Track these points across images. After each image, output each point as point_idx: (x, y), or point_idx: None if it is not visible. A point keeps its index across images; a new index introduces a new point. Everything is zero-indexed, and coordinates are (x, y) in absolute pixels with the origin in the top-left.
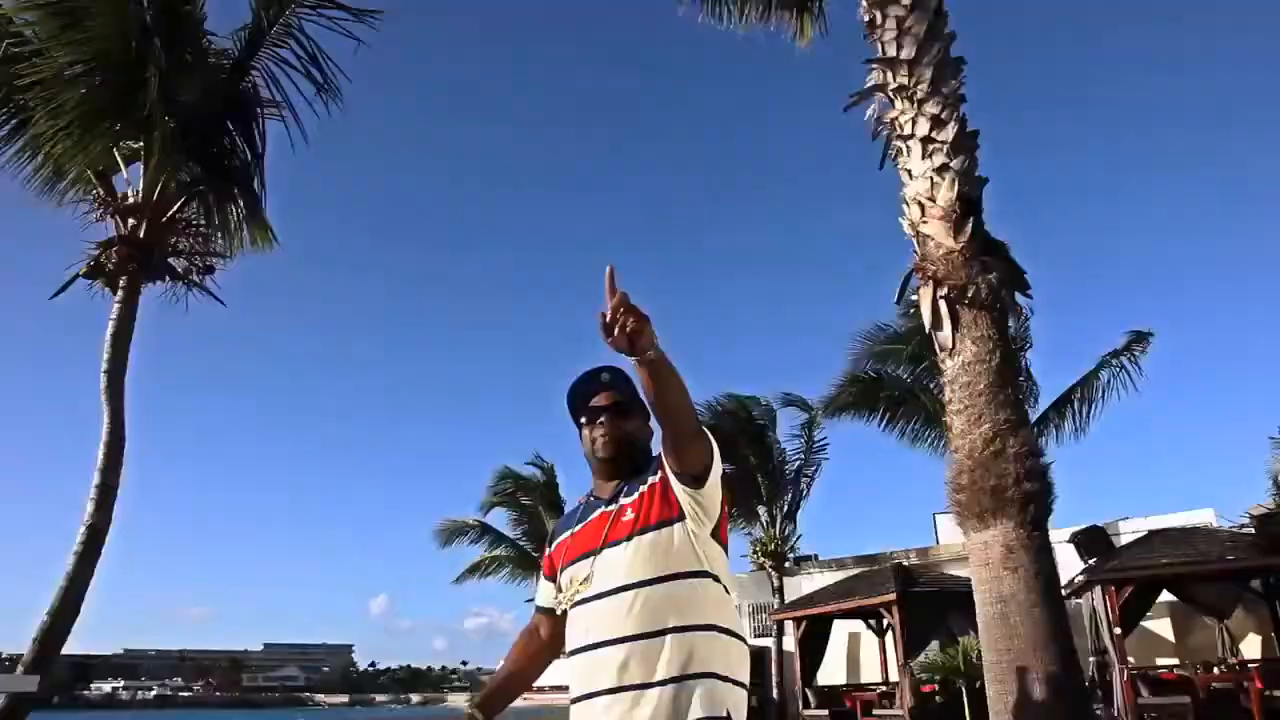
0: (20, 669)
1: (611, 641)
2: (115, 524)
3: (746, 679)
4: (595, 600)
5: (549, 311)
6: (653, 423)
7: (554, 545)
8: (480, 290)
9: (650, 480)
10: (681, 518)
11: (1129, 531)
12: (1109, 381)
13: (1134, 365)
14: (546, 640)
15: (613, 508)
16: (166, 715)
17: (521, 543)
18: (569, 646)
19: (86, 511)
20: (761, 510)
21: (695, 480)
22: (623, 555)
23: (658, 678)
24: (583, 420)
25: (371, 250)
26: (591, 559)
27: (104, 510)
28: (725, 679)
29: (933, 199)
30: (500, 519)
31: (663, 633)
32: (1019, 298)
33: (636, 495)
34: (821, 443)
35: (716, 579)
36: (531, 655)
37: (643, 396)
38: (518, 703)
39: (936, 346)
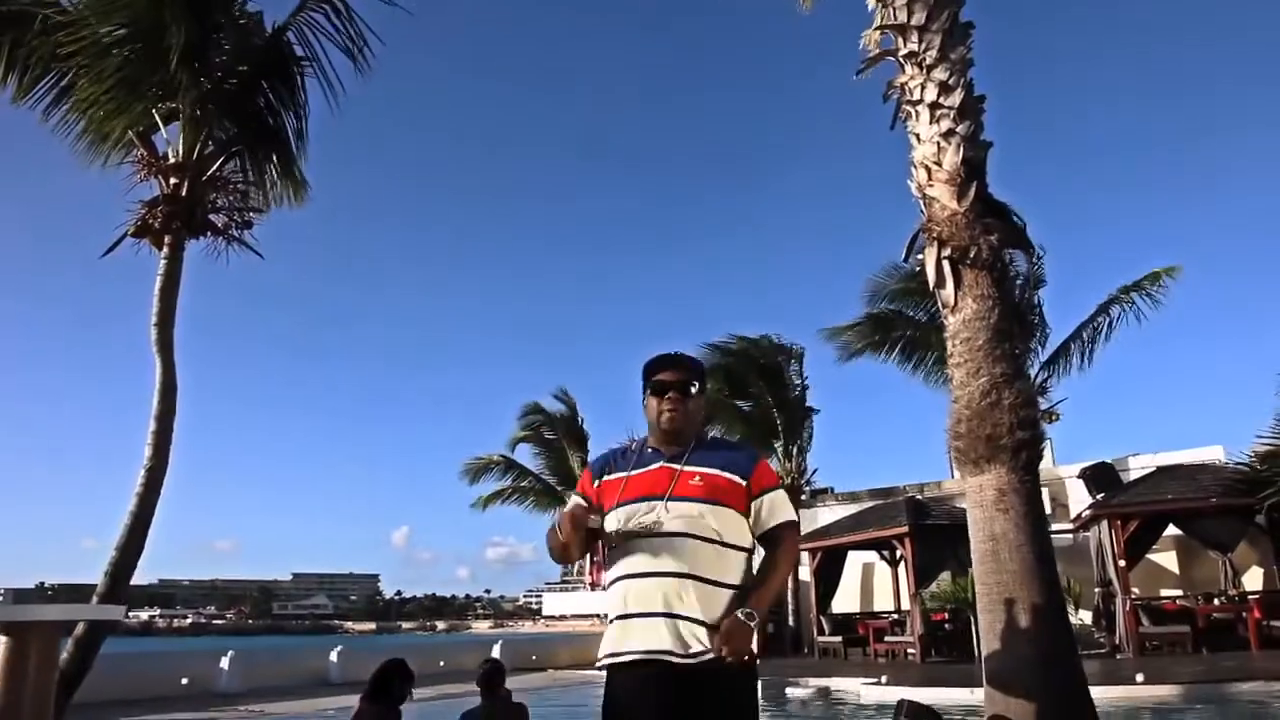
0: (95, 599)
1: (673, 574)
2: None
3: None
4: (664, 538)
5: (574, 258)
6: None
7: (606, 477)
8: (513, 239)
9: (735, 476)
10: (743, 514)
11: (1138, 468)
12: (1119, 316)
13: (1149, 300)
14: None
15: (677, 467)
16: (203, 641)
17: (545, 475)
18: (625, 570)
19: (145, 455)
20: (778, 445)
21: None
22: (692, 510)
23: (698, 615)
24: (653, 391)
25: (407, 201)
26: (661, 503)
27: (160, 453)
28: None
29: (939, 163)
30: (523, 454)
31: (712, 582)
32: (1030, 243)
33: (714, 472)
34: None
35: (750, 553)
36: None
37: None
38: (534, 630)
39: (940, 304)
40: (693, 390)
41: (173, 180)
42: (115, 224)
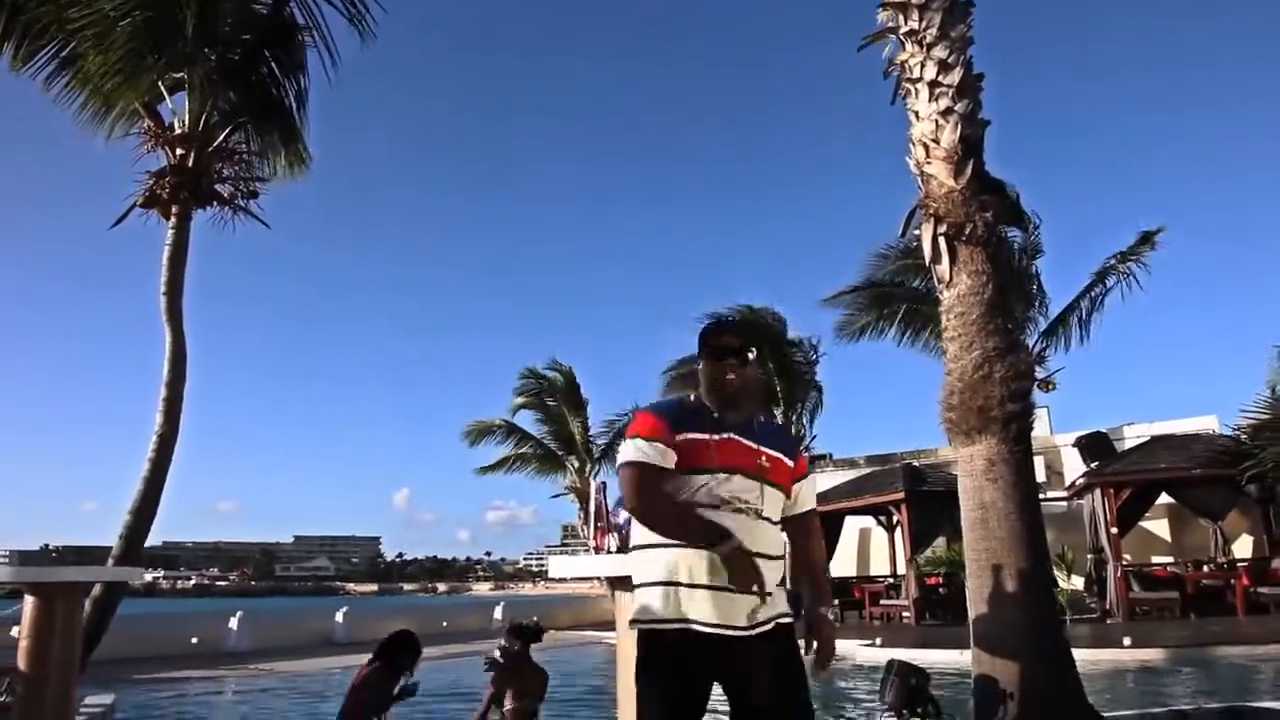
0: (110, 561)
1: (765, 555)
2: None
3: None
4: (759, 520)
5: (576, 219)
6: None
7: (687, 434)
8: (513, 204)
9: (789, 460)
10: (786, 492)
11: (1133, 437)
12: (1116, 285)
13: (1141, 266)
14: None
15: (754, 445)
16: (207, 602)
17: (547, 440)
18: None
19: (156, 422)
20: (778, 412)
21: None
22: (779, 496)
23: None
24: (713, 355)
25: (406, 169)
26: (759, 485)
27: (171, 420)
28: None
29: (937, 140)
30: (525, 419)
31: (772, 558)
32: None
33: (778, 455)
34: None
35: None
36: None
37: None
38: (535, 592)
39: (935, 279)
40: (750, 356)
41: (179, 151)
42: (115, 192)
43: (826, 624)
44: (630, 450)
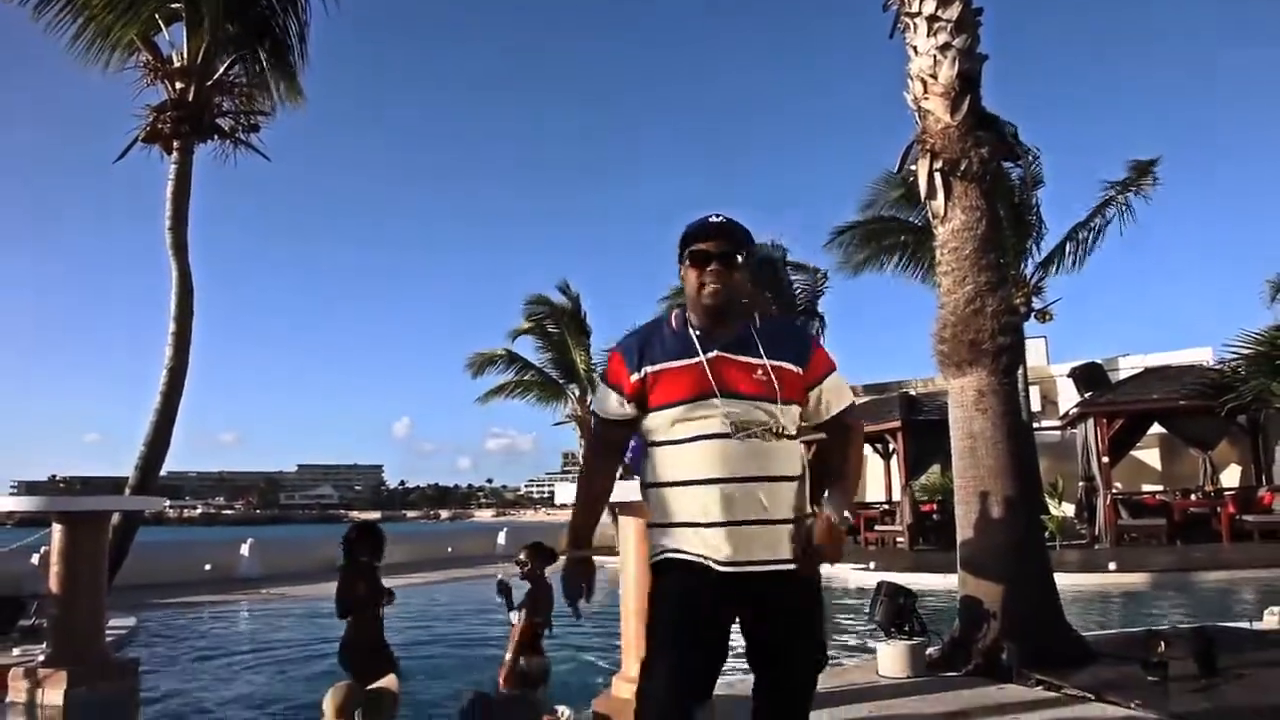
0: (128, 491)
1: (774, 478)
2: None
3: None
4: (770, 440)
5: (574, 145)
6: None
7: (650, 367)
8: (511, 127)
9: (794, 366)
10: (798, 403)
11: (1128, 368)
12: (1114, 216)
13: (1138, 195)
14: (620, 456)
15: (748, 359)
16: (214, 530)
17: (547, 368)
18: (698, 475)
19: (166, 355)
20: None
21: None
22: (790, 410)
23: (788, 515)
24: (693, 262)
25: (405, 101)
26: (760, 404)
27: (180, 353)
28: None
29: (934, 76)
30: (526, 348)
31: (789, 479)
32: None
33: (776, 362)
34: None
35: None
36: (614, 476)
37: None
38: (536, 518)
39: (930, 214)
40: (739, 260)
41: (178, 85)
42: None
43: (829, 521)
44: (594, 398)
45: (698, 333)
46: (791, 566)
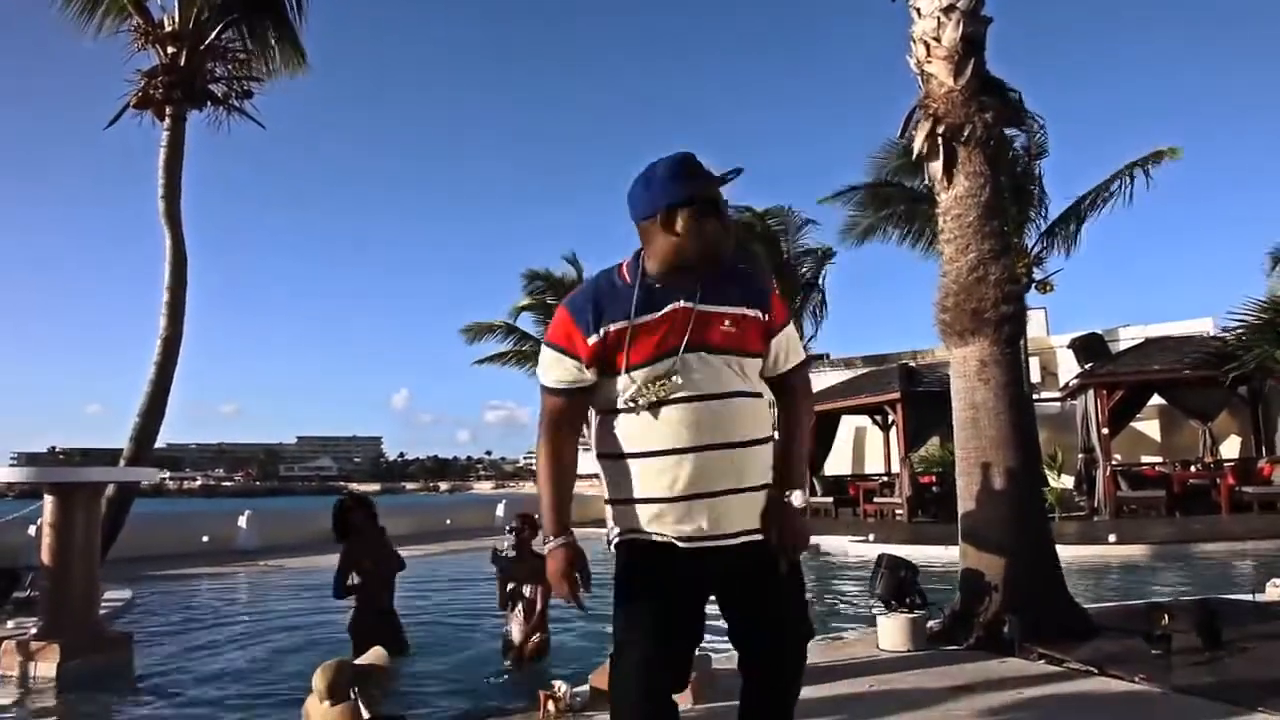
0: (122, 462)
1: (746, 442)
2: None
3: None
4: (733, 399)
5: (570, 125)
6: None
7: (611, 325)
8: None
9: (756, 312)
10: (762, 355)
11: (1128, 338)
12: (1120, 190)
13: (1146, 176)
14: (577, 430)
15: (710, 308)
16: (214, 502)
17: None
18: (665, 444)
19: (160, 325)
20: None
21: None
22: (753, 363)
23: (763, 480)
24: (702, 211)
25: (407, 73)
26: (723, 357)
27: (175, 323)
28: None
29: (938, 39)
30: (525, 321)
31: (762, 441)
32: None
33: (740, 310)
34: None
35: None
36: (576, 445)
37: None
38: (535, 490)
39: (933, 180)
40: (709, 205)
41: (170, 49)
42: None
43: (790, 510)
44: (540, 365)
45: (657, 284)
46: (757, 537)
